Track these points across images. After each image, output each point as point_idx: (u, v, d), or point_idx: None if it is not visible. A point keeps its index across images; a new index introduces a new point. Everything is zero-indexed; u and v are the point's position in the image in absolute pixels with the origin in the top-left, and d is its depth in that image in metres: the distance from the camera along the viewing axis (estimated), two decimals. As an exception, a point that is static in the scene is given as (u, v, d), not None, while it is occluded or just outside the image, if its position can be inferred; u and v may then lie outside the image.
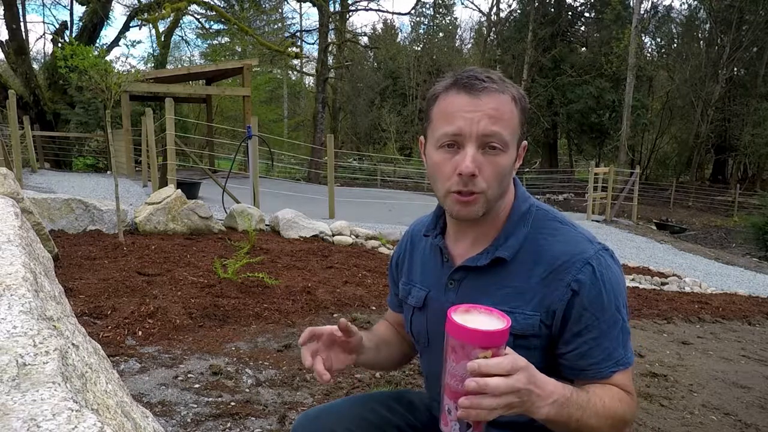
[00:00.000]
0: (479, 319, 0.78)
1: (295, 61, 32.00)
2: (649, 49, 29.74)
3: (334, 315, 3.51)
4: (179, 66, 29.63)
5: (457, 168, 0.90)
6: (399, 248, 1.21)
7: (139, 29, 39.72)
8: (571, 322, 0.91)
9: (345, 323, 0.98)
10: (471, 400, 0.74)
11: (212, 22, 26.04)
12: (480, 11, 59.05)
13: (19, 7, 17.60)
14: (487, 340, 0.75)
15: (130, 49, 61.33)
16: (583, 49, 28.20)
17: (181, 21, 22.38)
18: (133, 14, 19.84)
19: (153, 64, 23.25)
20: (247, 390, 2.32)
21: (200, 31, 29.27)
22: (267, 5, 31.29)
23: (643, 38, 26.72)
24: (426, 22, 33.90)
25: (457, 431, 0.80)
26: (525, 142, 0.99)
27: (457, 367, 0.76)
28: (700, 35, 27.44)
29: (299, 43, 28.86)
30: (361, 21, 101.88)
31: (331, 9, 23.52)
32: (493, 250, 0.96)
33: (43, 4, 29.17)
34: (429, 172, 0.97)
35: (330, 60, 24.25)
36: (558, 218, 0.99)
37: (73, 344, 1.04)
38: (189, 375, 2.41)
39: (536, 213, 0.99)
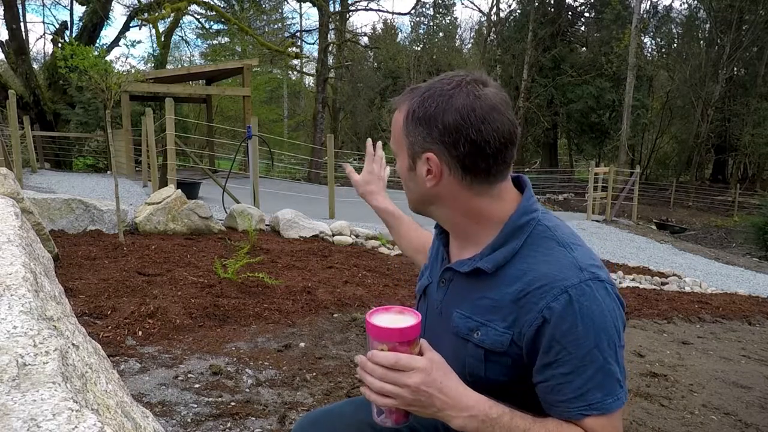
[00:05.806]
0: (400, 318, 0.85)
1: (295, 61, 31.99)
2: (649, 49, 29.80)
3: (334, 315, 3.50)
4: (179, 66, 29.67)
5: None
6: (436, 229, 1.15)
7: (139, 29, 39.74)
8: (542, 351, 0.85)
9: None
10: (362, 376, 0.84)
11: (212, 22, 26.06)
12: (480, 11, 59.12)
13: (19, 7, 17.61)
14: (382, 335, 0.82)
15: (130, 49, 61.55)
16: (583, 49, 28.18)
17: (181, 21, 22.37)
18: (133, 14, 19.85)
19: (153, 64, 23.23)
20: (247, 390, 2.32)
21: (200, 31, 29.32)
22: (267, 5, 31.29)
23: (643, 38, 26.75)
24: (426, 22, 33.84)
25: (375, 414, 0.88)
26: (427, 155, 0.90)
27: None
28: (700, 35, 27.45)
29: (299, 43, 28.88)
30: (361, 21, 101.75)
31: (331, 9, 23.52)
32: (477, 259, 0.93)
33: (43, 4, 29.21)
34: None
35: (330, 60, 24.24)
36: (557, 238, 0.90)
37: (73, 344, 1.04)
38: (189, 375, 2.41)
39: (536, 229, 0.91)
